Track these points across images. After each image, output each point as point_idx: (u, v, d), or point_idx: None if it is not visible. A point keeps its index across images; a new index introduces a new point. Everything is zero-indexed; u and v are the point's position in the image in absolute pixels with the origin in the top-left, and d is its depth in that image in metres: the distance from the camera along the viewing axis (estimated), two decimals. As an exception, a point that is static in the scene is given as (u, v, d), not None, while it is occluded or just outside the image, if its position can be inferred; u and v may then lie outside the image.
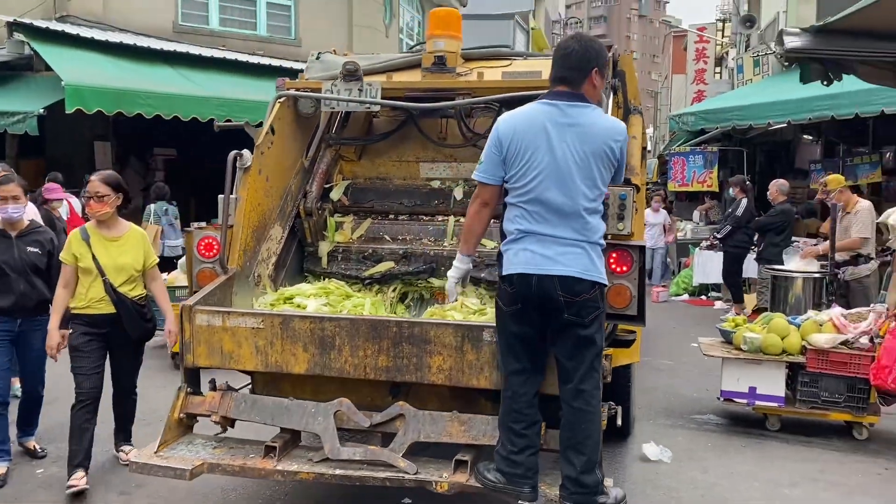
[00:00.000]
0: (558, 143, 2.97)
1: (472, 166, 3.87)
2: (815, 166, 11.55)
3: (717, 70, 24.76)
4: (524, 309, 3.03)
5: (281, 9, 14.37)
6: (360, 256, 4.52)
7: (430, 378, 3.35)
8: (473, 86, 4.40)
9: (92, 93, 9.00)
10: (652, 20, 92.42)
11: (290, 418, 3.46)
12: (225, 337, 3.51)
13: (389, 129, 4.88)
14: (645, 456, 4.70)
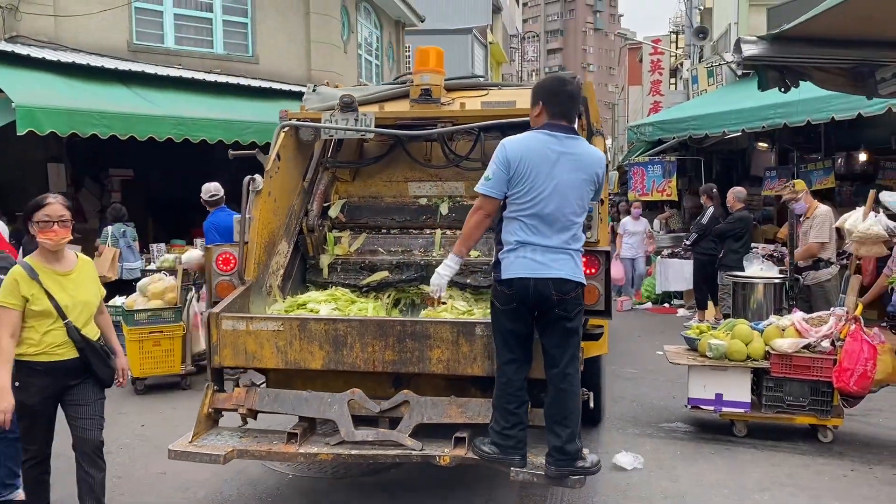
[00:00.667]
0: (557, 169, 3.49)
1: (456, 185, 5.14)
2: (769, 173, 11.79)
3: (672, 81, 25.22)
4: (519, 308, 3.53)
5: (237, 26, 14.24)
6: (357, 267, 5.02)
7: (430, 368, 3.83)
8: (456, 114, 4.90)
9: (44, 114, 8.77)
10: (607, 33, 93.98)
11: (309, 408, 3.91)
12: (249, 339, 3.97)
13: (380, 153, 5.40)
14: (617, 465, 4.71)
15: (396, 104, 5.07)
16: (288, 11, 14.70)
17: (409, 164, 5.33)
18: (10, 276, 3.46)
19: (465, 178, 5.16)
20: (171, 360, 6.57)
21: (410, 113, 4.98)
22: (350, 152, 5.53)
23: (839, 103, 8.20)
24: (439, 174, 5.32)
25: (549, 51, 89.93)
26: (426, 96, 4.87)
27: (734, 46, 4.39)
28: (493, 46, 35.15)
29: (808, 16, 3.95)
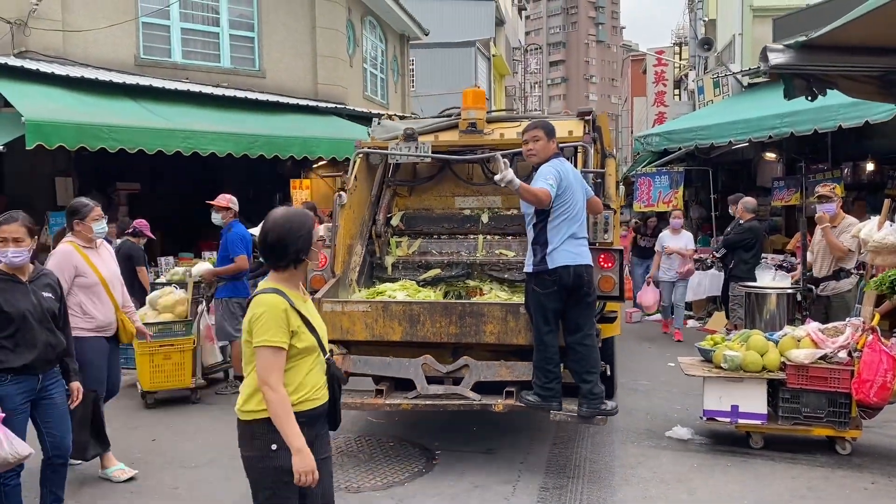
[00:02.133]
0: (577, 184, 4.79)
1: (494, 199, 6.25)
2: (777, 183, 11.75)
3: (676, 92, 25.24)
4: (559, 290, 4.63)
5: (244, 41, 14.30)
6: (414, 266, 6.10)
7: (485, 339, 4.97)
8: (496, 142, 5.93)
9: (53, 128, 8.79)
10: (609, 45, 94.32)
11: (391, 369, 5.13)
12: (343, 318, 5.09)
13: (431, 174, 6.38)
14: (634, 477, 4.66)
15: (447, 134, 6.16)
16: (294, 26, 14.77)
17: (456, 182, 6.34)
18: (275, 308, 2.78)
19: (501, 193, 6.13)
20: (182, 374, 6.54)
21: (460, 141, 6.05)
22: (406, 172, 6.47)
23: (846, 111, 8.16)
24: (480, 190, 6.29)
25: (551, 63, 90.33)
26: (472, 128, 6.01)
27: (760, 54, 4.36)
28: (497, 59, 35.26)
29: (836, 24, 3.93)
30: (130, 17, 12.83)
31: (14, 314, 3.77)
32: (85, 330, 4.73)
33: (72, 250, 4.79)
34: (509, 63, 40.54)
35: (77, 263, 4.77)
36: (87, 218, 4.85)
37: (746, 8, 15.71)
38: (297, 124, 12.21)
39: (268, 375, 2.71)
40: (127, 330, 5.01)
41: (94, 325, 4.81)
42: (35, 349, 3.82)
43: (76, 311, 4.69)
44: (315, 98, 14.52)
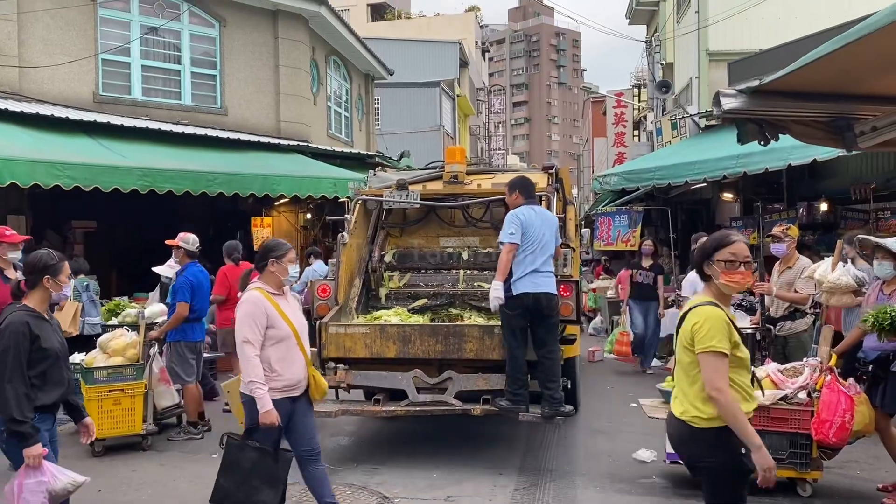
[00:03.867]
0: (538, 226, 5.81)
1: (473, 239, 7.31)
2: (735, 223, 11.95)
3: (636, 133, 25.71)
4: (523, 311, 5.66)
5: (206, 78, 14.24)
6: (405, 296, 7.07)
7: (466, 356, 5.90)
8: (474, 192, 7.09)
9: (4, 165, 8.55)
10: (571, 87, 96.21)
11: (387, 382, 6.03)
12: (346, 339, 5.97)
13: (419, 217, 7.45)
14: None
15: (433, 184, 7.26)
16: (257, 64, 14.76)
17: (440, 225, 7.42)
18: (717, 318, 3.04)
19: (479, 234, 7.30)
20: (132, 420, 6.30)
21: (444, 190, 7.14)
22: (398, 216, 7.51)
23: (796, 151, 8.34)
24: (461, 231, 7.37)
25: (514, 103, 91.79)
26: (454, 180, 7.10)
27: (713, 99, 4.42)
28: (461, 99, 35.69)
29: (787, 70, 4.00)
30: (90, 53, 12.70)
31: (50, 351, 3.71)
32: (275, 391, 4.14)
33: (262, 297, 4.19)
34: (473, 103, 41.04)
35: (269, 312, 4.17)
36: (284, 259, 4.27)
37: (702, 52, 16.14)
38: (258, 161, 12.12)
39: (718, 380, 2.98)
40: (319, 387, 4.38)
41: (281, 384, 4.18)
42: (61, 387, 3.79)
43: (266, 369, 4.15)
44: (278, 136, 14.46)
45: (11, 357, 3.58)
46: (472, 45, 41.46)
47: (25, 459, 3.55)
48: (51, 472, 3.62)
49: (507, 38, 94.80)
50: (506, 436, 6.83)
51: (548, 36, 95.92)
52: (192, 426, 6.83)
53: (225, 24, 14.31)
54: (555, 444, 6.60)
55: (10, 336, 3.61)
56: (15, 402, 3.54)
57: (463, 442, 6.66)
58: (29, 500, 3.54)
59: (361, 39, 18.70)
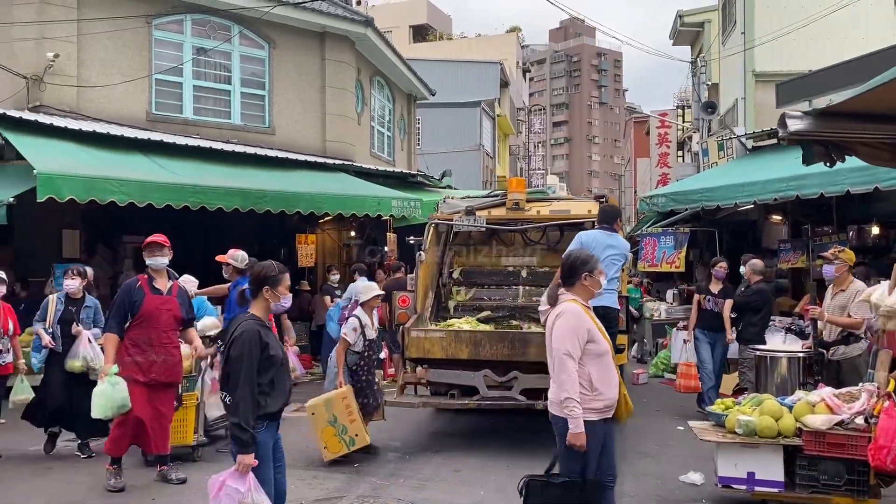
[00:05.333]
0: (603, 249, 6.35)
1: (531, 259, 8.35)
2: (784, 245, 11.75)
3: (680, 153, 25.50)
4: None
5: (255, 98, 14.56)
6: (470, 308, 8.05)
7: (529, 358, 6.64)
8: (534, 217, 8.03)
9: (64, 181, 8.85)
10: (612, 107, 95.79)
11: (461, 379, 6.90)
12: (425, 342, 6.93)
13: (483, 239, 8.50)
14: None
15: (497, 210, 8.15)
16: (304, 85, 15.05)
17: (502, 246, 8.44)
18: None
19: (536, 255, 8.34)
20: (184, 431, 6.41)
21: (507, 216, 8.06)
22: (464, 238, 8.55)
23: (855, 176, 8.17)
24: (520, 252, 8.39)
25: (554, 123, 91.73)
26: (516, 206, 7.97)
27: (779, 121, 4.39)
28: (501, 119, 35.83)
29: (855, 92, 3.97)
30: (144, 74, 13.09)
31: (276, 358, 3.85)
32: (594, 412, 3.98)
33: (581, 310, 4.11)
34: (513, 123, 41.15)
35: (589, 326, 4.07)
36: (596, 271, 4.23)
37: (749, 73, 16.01)
38: (305, 180, 12.30)
39: None
40: (629, 408, 4.24)
41: (602, 404, 4.02)
42: (285, 395, 3.91)
43: (584, 388, 3.97)
44: (323, 155, 14.69)
45: (245, 364, 3.71)
46: (513, 66, 41.64)
47: (236, 464, 3.70)
48: (250, 486, 3.72)
49: (548, 58, 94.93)
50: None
51: (589, 56, 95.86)
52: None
53: (274, 46, 14.63)
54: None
55: (244, 343, 3.73)
56: (244, 408, 3.68)
57: (508, 460, 6.63)
58: (223, 500, 3.71)
59: (405, 60, 18.94)
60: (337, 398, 6.48)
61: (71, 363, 6.67)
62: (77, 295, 6.98)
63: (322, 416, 6.41)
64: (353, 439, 6.39)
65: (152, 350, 5.76)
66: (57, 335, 6.81)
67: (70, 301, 6.95)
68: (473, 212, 7.97)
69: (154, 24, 13.28)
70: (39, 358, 6.93)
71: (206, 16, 13.80)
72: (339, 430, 6.37)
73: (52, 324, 6.83)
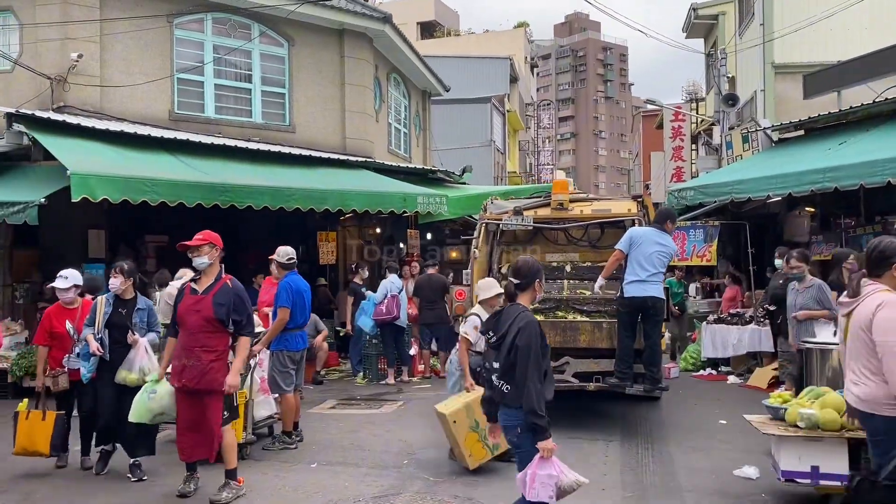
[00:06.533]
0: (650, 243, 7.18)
1: (574, 255, 8.93)
2: (815, 238, 11.69)
3: (693, 147, 25.38)
4: (631, 310, 7.13)
5: (275, 97, 14.53)
6: None
7: (580, 345, 7.58)
8: (576, 216, 8.68)
9: (98, 181, 8.85)
10: (618, 101, 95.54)
11: None
12: None
13: (529, 237, 9.14)
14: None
15: (542, 210, 8.78)
16: (323, 82, 15.01)
17: (546, 243, 9.08)
18: None
19: (579, 251, 8.95)
20: (234, 429, 6.37)
21: (551, 216, 8.70)
22: (511, 236, 9.13)
23: (892, 167, 8.11)
24: (564, 249, 9.02)
25: (560, 118, 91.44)
26: (560, 207, 8.64)
27: None
28: (511, 115, 35.77)
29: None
30: (166, 73, 13.07)
31: (548, 349, 4.09)
32: None
33: None
34: (522, 118, 41.06)
35: None
36: None
37: (768, 65, 15.92)
38: (329, 177, 12.29)
39: None
40: None
41: None
42: (553, 383, 4.07)
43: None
44: (343, 152, 14.67)
45: (532, 354, 3.87)
46: (521, 61, 41.55)
47: (540, 452, 3.84)
48: (559, 468, 3.90)
49: (553, 54, 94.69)
50: (599, 455, 6.74)
51: (594, 51, 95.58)
52: (287, 436, 6.90)
53: (293, 44, 14.60)
54: (651, 461, 6.49)
55: (530, 335, 3.91)
56: (536, 396, 3.82)
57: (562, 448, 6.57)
58: (539, 491, 3.83)
59: (421, 57, 18.90)
60: (475, 402, 5.85)
61: (125, 375, 6.03)
62: (127, 295, 6.29)
63: (464, 423, 6.05)
64: (497, 445, 5.99)
65: (183, 354, 5.44)
66: (105, 341, 6.09)
67: (120, 302, 6.25)
68: (521, 212, 8.61)
69: (175, 23, 13.27)
70: (88, 367, 6.12)
71: (226, 14, 13.78)
72: (481, 436, 5.99)
73: (101, 328, 6.12)
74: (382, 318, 10.39)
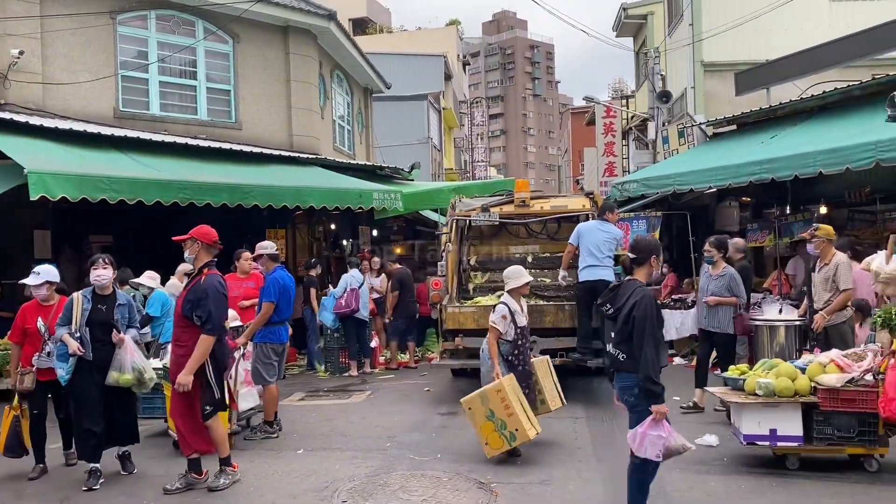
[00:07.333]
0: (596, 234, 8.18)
1: (535, 247, 10.09)
2: (751, 226, 12.43)
3: (624, 142, 26.26)
4: (587, 292, 7.97)
5: (221, 93, 14.44)
6: (486, 290, 9.53)
7: (546, 325, 8.39)
8: (537, 212, 9.65)
9: (55, 179, 8.69)
10: (546, 99, 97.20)
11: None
12: (459, 316, 8.57)
13: (494, 232, 10.11)
14: (692, 501, 4.90)
15: (507, 207, 9.69)
16: (269, 79, 14.99)
17: (510, 237, 10.09)
18: None
19: (540, 243, 10.00)
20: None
21: (515, 212, 9.64)
22: (477, 231, 10.11)
23: (826, 158, 8.72)
24: (525, 241, 10.06)
25: (490, 115, 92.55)
26: (522, 204, 9.56)
27: (889, 101, 4.82)
28: (447, 112, 36.12)
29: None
30: (110, 70, 12.85)
31: (662, 320, 4.51)
32: None
33: None
34: (457, 116, 41.44)
35: None
36: None
37: (697, 64, 16.73)
38: (283, 174, 12.33)
39: None
40: None
41: None
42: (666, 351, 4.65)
43: None
44: (290, 149, 14.69)
45: (648, 325, 4.29)
46: (455, 59, 41.94)
47: (653, 414, 4.32)
48: (668, 430, 4.37)
49: (482, 51, 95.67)
50: (569, 433, 7.13)
51: (522, 49, 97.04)
52: (269, 425, 7.04)
53: (238, 41, 14.54)
54: (619, 435, 6.91)
55: (647, 307, 4.32)
56: (653, 363, 4.27)
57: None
58: (648, 449, 4.33)
59: (364, 54, 19.02)
60: (491, 392, 6.06)
61: (117, 376, 5.75)
62: (106, 291, 5.93)
63: (479, 411, 6.07)
64: (514, 434, 5.97)
65: None
66: (86, 340, 5.75)
67: (99, 298, 5.90)
68: (488, 209, 9.60)
69: (118, 19, 13.05)
70: (67, 368, 5.78)
71: (170, 11, 13.62)
72: (497, 426, 5.99)
73: (80, 327, 5.77)
74: (342, 312, 10.57)
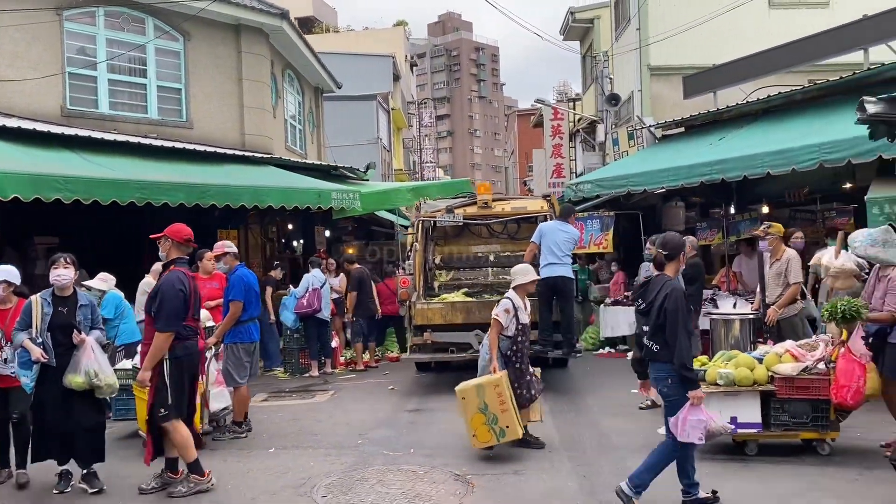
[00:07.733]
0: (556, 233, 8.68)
1: (497, 247, 10.88)
2: (700, 225, 12.85)
3: (571, 144, 26.73)
4: (547, 288, 8.51)
5: (172, 92, 14.22)
6: (450, 287, 10.14)
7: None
8: (498, 213, 10.20)
9: (7, 179, 8.47)
10: (491, 101, 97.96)
11: (458, 338, 8.98)
12: (428, 312, 9.06)
13: (458, 232, 10.65)
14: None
15: (470, 208, 10.19)
16: (221, 78, 14.82)
17: (473, 237, 10.67)
18: None
19: (501, 243, 10.67)
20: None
21: (478, 213, 10.17)
22: (441, 231, 10.58)
23: (773, 159, 9.09)
24: (487, 241, 10.68)
25: (437, 117, 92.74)
26: (485, 205, 10.10)
27: (858, 106, 5.06)
28: (395, 112, 36.12)
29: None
30: (57, 67, 12.53)
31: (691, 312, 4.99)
32: None
33: None
34: (405, 116, 41.48)
35: None
36: None
37: (644, 67, 17.19)
38: (238, 174, 12.20)
39: None
40: None
41: None
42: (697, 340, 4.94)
43: None
44: (242, 148, 14.54)
45: (681, 315, 4.53)
46: (402, 59, 41.95)
47: (690, 400, 4.58)
48: (707, 414, 4.63)
49: (428, 53, 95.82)
50: (536, 429, 7.30)
51: (468, 50, 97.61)
52: (237, 425, 7.01)
53: (189, 39, 14.34)
54: (584, 429, 7.13)
55: (677, 299, 4.56)
56: (686, 352, 4.52)
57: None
58: (690, 433, 4.56)
59: (316, 53, 18.94)
60: (489, 385, 6.04)
61: (71, 378, 5.48)
62: (66, 292, 5.69)
63: (472, 402, 6.02)
64: (504, 431, 5.95)
65: None
66: (48, 345, 5.50)
67: (59, 301, 5.65)
68: (452, 210, 10.04)
69: (65, 15, 12.73)
70: (31, 376, 5.55)
71: (119, 8, 13.34)
72: (489, 419, 5.96)
73: (41, 332, 5.53)
74: (304, 312, 10.55)
